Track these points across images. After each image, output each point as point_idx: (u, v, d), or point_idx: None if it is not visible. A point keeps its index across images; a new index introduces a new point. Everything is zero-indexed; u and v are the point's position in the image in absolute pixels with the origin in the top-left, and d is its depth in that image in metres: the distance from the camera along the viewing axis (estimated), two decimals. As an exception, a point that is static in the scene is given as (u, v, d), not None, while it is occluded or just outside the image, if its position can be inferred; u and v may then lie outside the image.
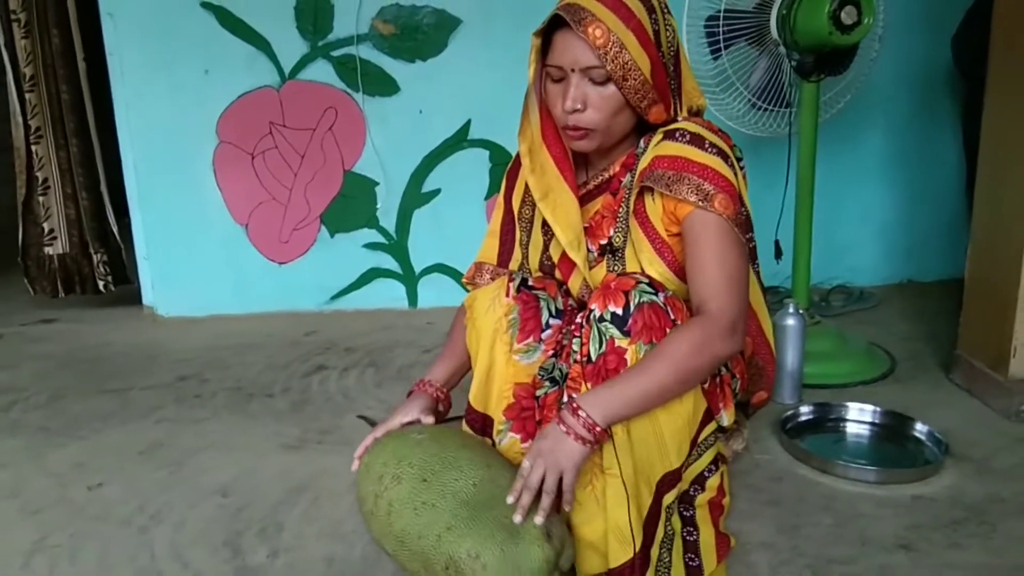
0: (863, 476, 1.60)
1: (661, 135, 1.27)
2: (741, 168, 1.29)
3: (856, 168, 2.89)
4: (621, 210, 1.31)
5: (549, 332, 1.31)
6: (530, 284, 1.33)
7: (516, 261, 1.48)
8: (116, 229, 3.00)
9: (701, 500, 1.29)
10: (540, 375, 1.30)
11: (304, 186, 2.86)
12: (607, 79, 1.21)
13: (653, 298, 1.17)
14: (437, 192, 2.87)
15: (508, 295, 1.30)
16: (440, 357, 1.47)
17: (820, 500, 1.54)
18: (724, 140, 1.26)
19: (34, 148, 2.86)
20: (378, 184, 2.85)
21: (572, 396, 1.19)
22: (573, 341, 1.25)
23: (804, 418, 1.87)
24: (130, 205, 2.90)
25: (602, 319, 1.17)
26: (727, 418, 1.31)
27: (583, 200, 1.36)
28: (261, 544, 1.46)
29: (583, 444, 1.11)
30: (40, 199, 2.91)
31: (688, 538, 1.27)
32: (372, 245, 2.92)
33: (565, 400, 1.23)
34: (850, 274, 2.96)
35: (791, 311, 1.93)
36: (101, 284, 3.01)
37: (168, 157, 2.82)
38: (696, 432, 1.24)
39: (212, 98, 2.77)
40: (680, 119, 1.29)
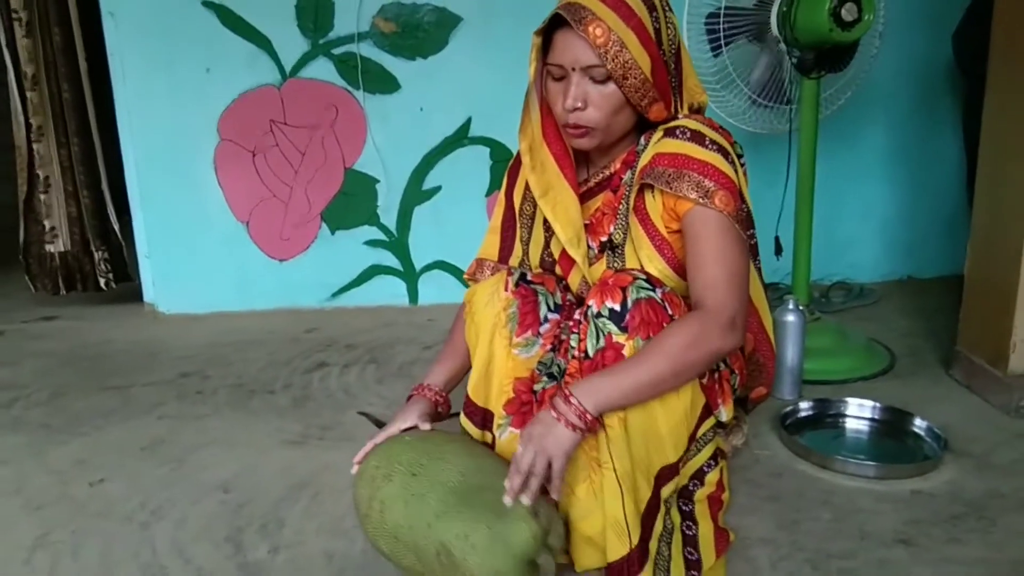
0: (862, 471, 1.60)
1: (662, 132, 1.27)
2: (742, 165, 1.29)
3: (856, 165, 2.89)
4: (621, 207, 1.31)
5: (547, 326, 1.31)
6: (529, 279, 1.34)
7: (517, 258, 1.48)
8: (117, 227, 3.00)
9: (700, 495, 1.29)
10: (539, 370, 1.31)
11: (305, 183, 2.86)
12: (607, 78, 1.21)
13: (651, 294, 1.17)
14: (438, 189, 2.87)
15: (507, 289, 1.30)
16: (440, 358, 1.47)
17: (819, 495, 1.54)
18: (724, 137, 1.26)
19: (35, 146, 2.86)
20: (379, 181, 2.85)
21: (566, 385, 1.20)
22: (571, 337, 1.26)
23: (804, 414, 1.87)
24: (131, 203, 2.91)
25: (599, 315, 1.17)
26: (725, 413, 1.31)
27: (584, 197, 1.37)
28: (262, 540, 1.47)
29: (573, 431, 1.12)
30: (41, 197, 2.91)
31: (687, 532, 1.27)
32: (373, 242, 2.92)
33: (561, 392, 1.24)
34: (850, 270, 2.96)
35: (791, 307, 1.93)
36: (102, 281, 3.02)
37: (169, 155, 2.83)
38: (694, 427, 1.24)
39: (213, 96, 2.78)
40: (681, 116, 1.29)
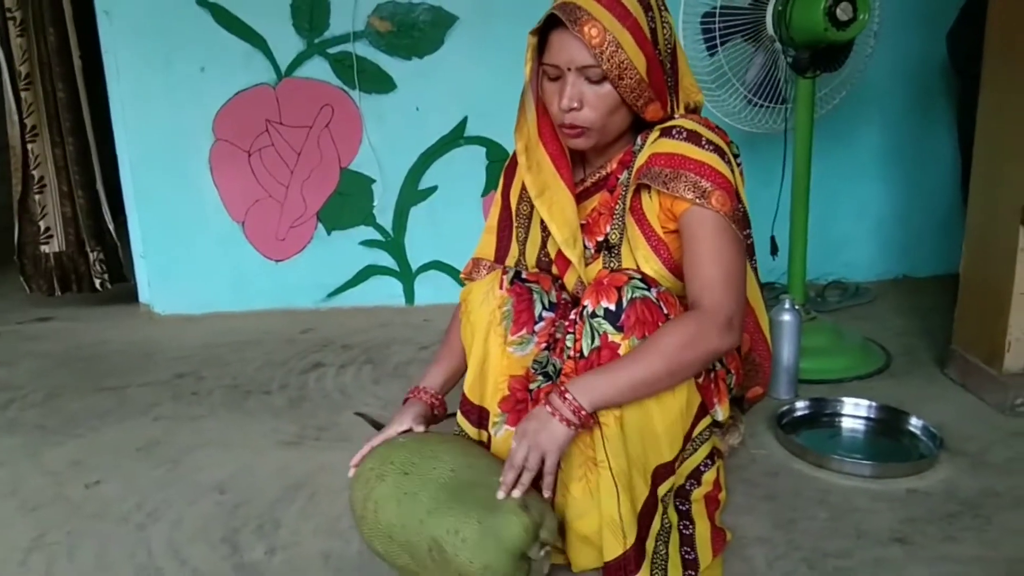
0: (858, 470, 1.61)
1: (658, 132, 1.27)
2: (738, 165, 1.29)
3: (852, 164, 2.90)
4: (618, 207, 1.32)
5: (542, 324, 1.32)
6: (523, 277, 1.34)
7: (513, 257, 1.48)
8: (112, 227, 2.99)
9: (697, 494, 1.30)
10: (534, 369, 1.31)
11: (301, 184, 2.85)
12: (603, 78, 1.21)
13: (646, 293, 1.17)
14: (434, 189, 2.87)
15: (502, 288, 1.31)
16: (436, 360, 1.47)
17: (816, 494, 1.55)
18: (721, 137, 1.27)
19: (30, 146, 2.85)
20: (375, 181, 2.85)
21: (563, 381, 1.20)
22: (567, 337, 1.26)
23: (800, 413, 1.87)
24: (126, 203, 2.90)
25: (595, 315, 1.18)
26: (721, 413, 1.32)
27: (580, 197, 1.37)
28: (259, 541, 1.47)
29: (568, 426, 1.12)
30: (36, 197, 2.90)
31: (684, 532, 1.27)
32: (369, 242, 2.92)
33: (557, 391, 1.24)
34: (846, 270, 2.96)
35: (787, 307, 1.94)
36: (97, 282, 3.01)
37: (164, 155, 2.81)
38: (690, 426, 1.25)
39: (208, 96, 2.77)
40: (677, 116, 1.29)
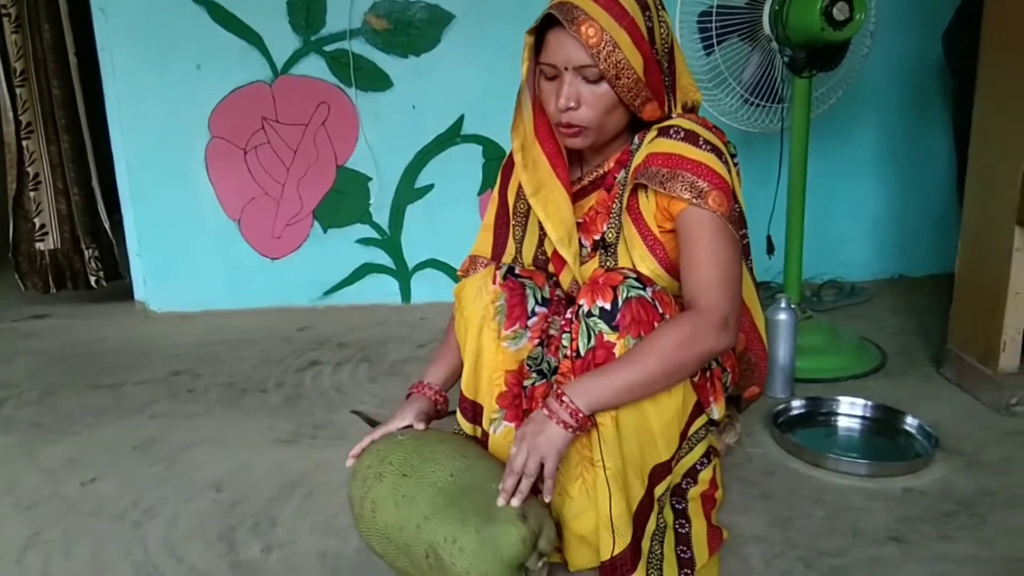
0: (854, 469, 1.61)
1: (655, 132, 1.27)
2: (735, 165, 1.29)
3: (848, 164, 2.90)
4: (614, 206, 1.31)
5: (535, 319, 1.31)
6: (517, 272, 1.34)
7: (510, 255, 1.48)
8: (108, 225, 2.98)
9: (693, 493, 1.30)
10: (528, 365, 1.31)
11: (297, 181, 2.85)
12: (600, 78, 1.21)
13: (641, 293, 1.17)
14: (430, 187, 2.87)
15: (495, 283, 1.30)
16: (437, 356, 1.47)
17: (812, 493, 1.55)
18: (718, 137, 1.26)
19: (25, 143, 2.84)
20: (371, 179, 2.85)
21: (559, 384, 1.20)
22: (563, 337, 1.26)
23: (796, 412, 1.88)
24: (122, 200, 2.89)
25: (590, 314, 1.18)
26: (717, 412, 1.32)
27: (577, 196, 1.37)
28: (255, 539, 1.47)
29: (566, 429, 1.12)
30: (31, 195, 2.89)
31: (680, 531, 1.27)
32: (365, 240, 2.91)
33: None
34: (841, 269, 2.97)
35: (783, 306, 1.94)
36: (93, 280, 3.00)
37: (160, 152, 2.81)
38: (686, 425, 1.25)
39: (204, 93, 2.76)
40: (674, 115, 1.29)
